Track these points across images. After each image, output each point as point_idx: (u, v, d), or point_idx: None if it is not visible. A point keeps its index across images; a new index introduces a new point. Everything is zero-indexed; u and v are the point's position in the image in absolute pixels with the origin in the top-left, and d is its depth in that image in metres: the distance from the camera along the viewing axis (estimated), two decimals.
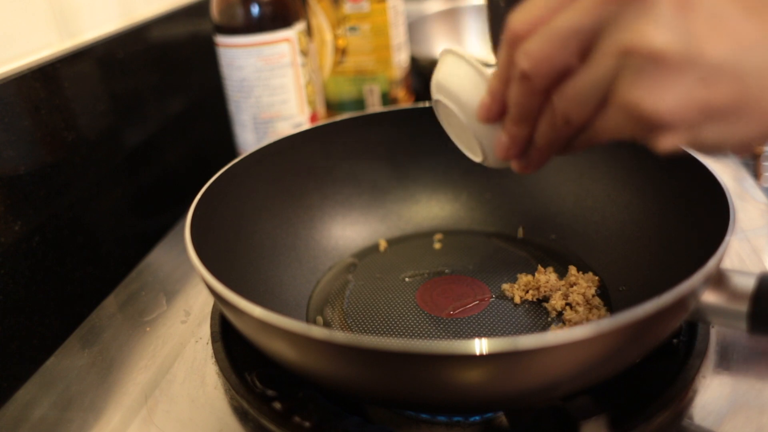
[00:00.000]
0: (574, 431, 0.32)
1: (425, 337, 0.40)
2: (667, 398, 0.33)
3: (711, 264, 0.29)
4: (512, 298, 0.43)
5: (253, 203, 0.46)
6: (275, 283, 0.44)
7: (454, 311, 0.42)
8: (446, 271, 0.47)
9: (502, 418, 0.34)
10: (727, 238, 0.31)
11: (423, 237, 0.52)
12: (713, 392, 0.35)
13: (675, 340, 0.37)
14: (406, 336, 0.41)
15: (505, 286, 0.44)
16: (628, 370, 0.35)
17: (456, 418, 0.34)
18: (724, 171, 0.58)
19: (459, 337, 0.40)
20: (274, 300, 0.43)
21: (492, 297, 0.44)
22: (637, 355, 0.33)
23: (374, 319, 0.42)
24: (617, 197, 0.46)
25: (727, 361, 0.37)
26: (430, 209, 0.53)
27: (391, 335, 0.41)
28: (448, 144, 0.53)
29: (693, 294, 0.29)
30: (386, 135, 0.52)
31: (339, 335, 0.27)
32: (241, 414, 0.36)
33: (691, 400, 0.34)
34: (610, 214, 0.46)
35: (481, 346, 0.25)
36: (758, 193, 0.54)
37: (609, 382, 0.35)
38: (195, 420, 0.36)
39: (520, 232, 0.50)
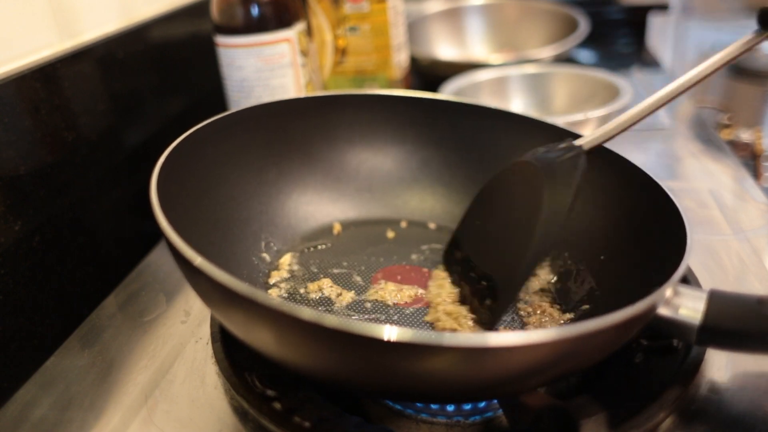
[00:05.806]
0: (574, 431, 0.32)
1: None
2: (667, 398, 0.33)
3: (658, 294, 0.29)
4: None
5: (219, 167, 0.45)
6: (229, 255, 0.43)
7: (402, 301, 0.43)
8: (394, 257, 0.47)
9: (502, 418, 0.34)
10: (682, 265, 0.31)
11: (381, 224, 0.51)
12: (713, 392, 0.35)
13: (675, 341, 0.37)
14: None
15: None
16: (629, 370, 0.35)
17: (456, 418, 0.34)
18: (724, 171, 0.58)
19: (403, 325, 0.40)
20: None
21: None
22: (592, 361, 0.32)
23: None
24: (581, 209, 0.43)
25: (727, 361, 0.37)
26: (417, 200, 0.53)
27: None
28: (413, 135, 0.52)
29: (639, 320, 0.29)
30: (348, 118, 0.52)
31: (293, 306, 0.26)
32: (241, 414, 0.36)
33: (691, 399, 0.34)
34: (574, 225, 0.45)
35: (390, 333, 0.25)
36: (758, 193, 0.54)
37: (609, 382, 0.35)
38: (195, 420, 0.36)
39: None
